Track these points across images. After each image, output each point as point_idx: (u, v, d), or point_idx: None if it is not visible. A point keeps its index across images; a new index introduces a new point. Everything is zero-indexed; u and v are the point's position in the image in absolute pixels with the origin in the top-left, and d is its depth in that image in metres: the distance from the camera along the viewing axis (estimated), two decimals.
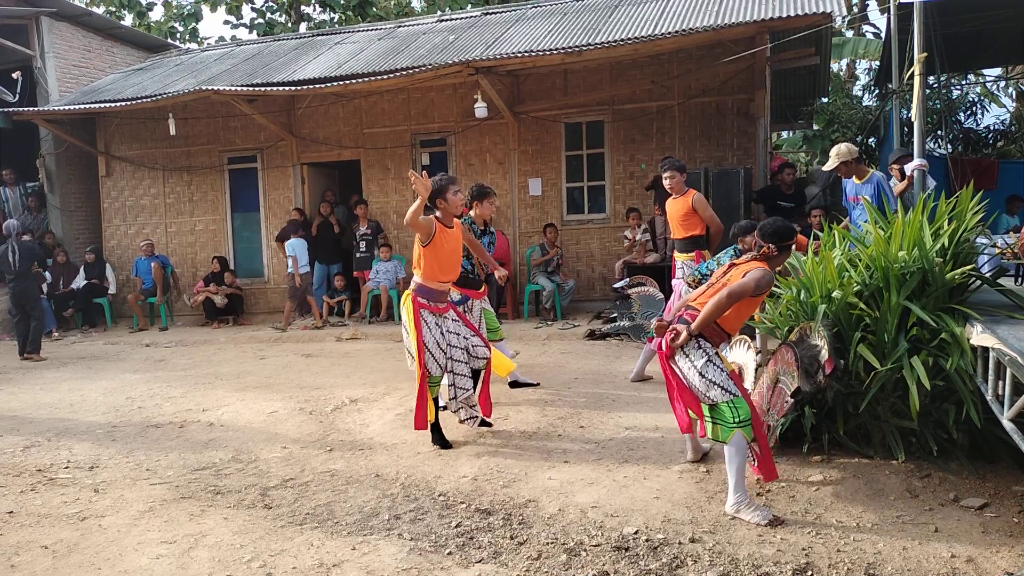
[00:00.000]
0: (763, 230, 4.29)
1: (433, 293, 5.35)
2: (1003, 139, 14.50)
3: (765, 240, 4.25)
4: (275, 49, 14.26)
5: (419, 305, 5.28)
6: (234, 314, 12.35)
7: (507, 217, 11.60)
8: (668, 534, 3.86)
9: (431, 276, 5.30)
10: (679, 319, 4.23)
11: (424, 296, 5.31)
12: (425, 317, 5.28)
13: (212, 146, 13.03)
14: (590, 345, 8.94)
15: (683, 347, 4.14)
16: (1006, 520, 3.86)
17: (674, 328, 4.13)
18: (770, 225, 4.28)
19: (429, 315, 5.31)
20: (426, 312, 5.30)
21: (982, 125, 14.84)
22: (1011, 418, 3.27)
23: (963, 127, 14.24)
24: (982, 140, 14.24)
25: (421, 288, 5.32)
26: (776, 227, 4.24)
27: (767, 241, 4.25)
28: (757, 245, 4.33)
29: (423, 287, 5.32)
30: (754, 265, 4.22)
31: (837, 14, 9.49)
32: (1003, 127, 15.01)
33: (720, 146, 10.73)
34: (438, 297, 5.39)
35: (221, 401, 7.08)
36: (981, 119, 14.94)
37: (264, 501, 4.56)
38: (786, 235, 4.23)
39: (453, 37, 12.32)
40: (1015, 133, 14.96)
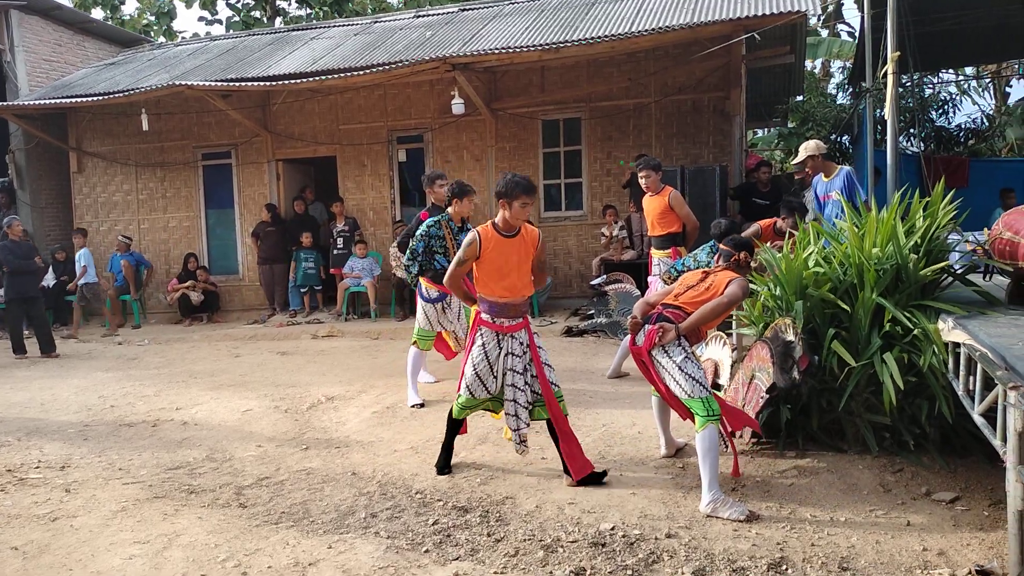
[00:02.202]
0: (736, 241, 4.57)
1: (495, 307, 4.60)
2: (974, 137, 14.68)
3: (738, 250, 4.51)
4: (250, 44, 14.14)
5: (479, 322, 4.65)
6: (208, 311, 12.23)
7: (484, 214, 11.56)
8: (644, 530, 3.87)
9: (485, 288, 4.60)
10: (659, 316, 4.28)
11: (488, 313, 4.60)
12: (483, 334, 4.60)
13: (186, 142, 12.89)
14: (567, 342, 8.95)
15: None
16: (976, 513, 3.92)
17: (662, 326, 4.20)
18: (741, 237, 4.73)
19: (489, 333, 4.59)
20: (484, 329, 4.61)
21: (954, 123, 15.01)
22: (981, 413, 3.32)
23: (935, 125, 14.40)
24: (954, 138, 14.41)
25: (485, 303, 4.63)
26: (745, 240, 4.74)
27: (739, 251, 4.51)
28: (727, 254, 4.55)
29: (485, 301, 4.62)
30: (730, 275, 4.43)
31: (812, 13, 9.58)
32: (974, 125, 15.19)
33: (696, 144, 10.79)
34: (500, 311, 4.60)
35: (195, 399, 7.01)
36: (953, 117, 15.12)
37: (239, 500, 4.52)
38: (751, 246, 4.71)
39: (430, 33, 12.28)
40: (986, 131, 15.15)
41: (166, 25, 22.82)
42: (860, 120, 10.85)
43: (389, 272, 10.94)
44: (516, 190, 4.43)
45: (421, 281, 6.48)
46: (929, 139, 13.80)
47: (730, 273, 4.48)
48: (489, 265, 4.51)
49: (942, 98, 15.02)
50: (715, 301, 4.26)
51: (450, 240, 6.42)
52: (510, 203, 4.45)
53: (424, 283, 6.46)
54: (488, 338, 4.58)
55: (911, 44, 8.19)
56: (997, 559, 3.39)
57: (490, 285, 4.54)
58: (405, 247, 6.69)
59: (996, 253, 4.36)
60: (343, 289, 11.40)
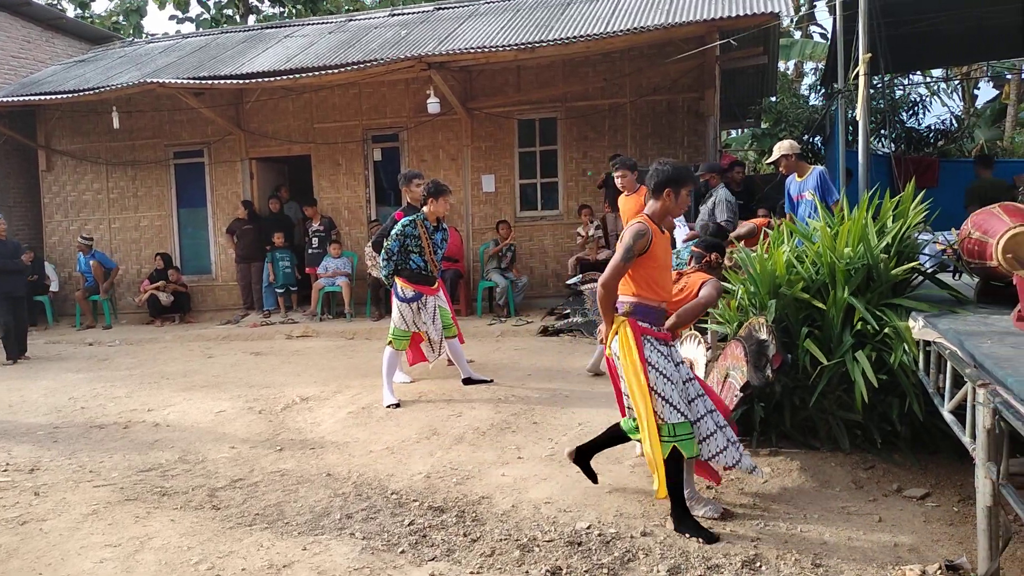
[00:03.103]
0: (707, 243, 4.61)
1: (654, 313, 4.00)
2: (944, 138, 14.90)
3: (708, 251, 4.56)
4: (223, 42, 14.00)
5: (641, 331, 3.89)
6: (180, 312, 12.10)
7: (460, 214, 11.57)
8: (620, 528, 3.88)
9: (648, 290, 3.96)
10: None
11: (647, 320, 3.95)
12: (655, 346, 3.90)
13: (157, 140, 12.74)
14: (544, 341, 8.96)
15: None
16: (946, 509, 3.97)
17: None
18: (713, 238, 4.81)
19: (658, 343, 3.93)
20: (652, 339, 3.91)
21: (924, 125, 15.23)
22: (951, 410, 3.36)
23: (905, 126, 14.59)
24: (924, 139, 14.61)
25: (644, 309, 3.95)
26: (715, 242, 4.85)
27: (710, 252, 4.55)
28: (698, 256, 4.60)
29: (645, 307, 3.95)
30: (703, 276, 4.49)
31: (785, 14, 9.66)
32: (944, 127, 15.42)
33: (671, 144, 10.84)
34: (659, 318, 4.06)
35: (167, 401, 6.93)
36: (923, 119, 15.34)
37: (212, 502, 4.48)
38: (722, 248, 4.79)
39: (405, 32, 12.23)
40: (955, 133, 15.38)
41: (135, 23, 22.51)
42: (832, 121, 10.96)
43: (364, 272, 10.89)
44: (687, 178, 3.98)
45: (396, 281, 6.45)
46: (899, 140, 13.98)
47: (703, 275, 4.53)
48: (654, 261, 3.92)
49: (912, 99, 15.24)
50: (692, 303, 4.31)
51: (425, 240, 6.41)
52: (677, 192, 3.93)
53: (400, 283, 6.44)
54: (663, 349, 3.91)
55: (882, 46, 8.29)
56: (967, 554, 3.44)
57: (653, 286, 3.94)
58: (380, 247, 6.67)
59: (965, 253, 4.42)
60: (318, 289, 11.33)
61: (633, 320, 3.88)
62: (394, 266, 6.40)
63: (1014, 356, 3.13)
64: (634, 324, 3.87)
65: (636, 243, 3.82)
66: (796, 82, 22.27)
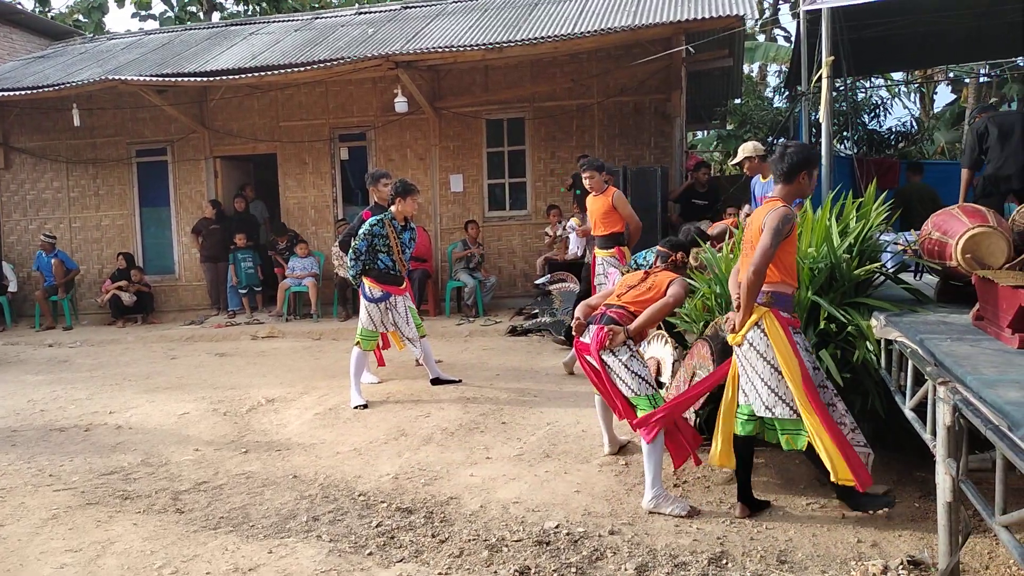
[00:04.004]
0: (672, 243, 4.69)
1: (789, 301, 3.90)
2: (904, 140, 15.18)
3: (674, 251, 4.64)
4: (186, 39, 13.80)
5: (787, 321, 3.79)
6: (143, 312, 11.90)
7: (428, 213, 11.53)
8: (588, 527, 3.90)
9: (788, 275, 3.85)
10: (603, 316, 4.33)
11: (786, 310, 3.84)
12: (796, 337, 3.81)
13: (119, 138, 12.51)
14: (512, 341, 8.97)
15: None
16: (908, 505, 4.04)
17: (611, 330, 4.23)
18: (677, 239, 4.84)
19: (796, 333, 3.84)
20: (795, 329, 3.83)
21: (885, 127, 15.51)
22: (912, 408, 3.42)
23: (867, 128, 14.85)
24: (885, 141, 14.87)
25: (782, 298, 3.83)
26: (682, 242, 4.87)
27: (675, 251, 4.70)
28: (664, 255, 4.66)
29: (783, 296, 3.83)
30: (670, 275, 4.56)
31: (749, 17, 9.77)
32: (905, 129, 15.72)
33: (638, 145, 10.91)
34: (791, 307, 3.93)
35: (129, 403, 6.81)
36: (884, 121, 15.63)
37: (176, 505, 4.41)
38: (687, 247, 4.84)
39: (372, 30, 12.17)
40: (916, 135, 15.69)
41: (97, 20, 22.07)
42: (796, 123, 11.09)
43: (331, 272, 10.81)
44: (817, 159, 3.83)
45: (364, 281, 6.41)
46: (861, 142, 14.22)
47: (670, 273, 4.58)
48: (793, 247, 3.85)
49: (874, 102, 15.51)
50: (661, 302, 4.34)
51: (393, 239, 6.38)
52: (811, 174, 3.84)
53: (367, 283, 6.40)
54: (800, 340, 3.84)
55: (844, 49, 8.42)
56: (928, 549, 3.51)
57: (792, 272, 3.83)
58: (347, 246, 6.62)
59: (925, 253, 4.50)
60: (283, 289, 11.21)
61: (776, 311, 3.77)
62: (362, 266, 6.36)
63: (973, 354, 3.20)
64: (778, 315, 3.77)
65: (785, 227, 3.67)
66: (761, 84, 22.53)
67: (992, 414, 2.50)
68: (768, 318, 3.74)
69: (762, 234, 3.66)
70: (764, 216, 3.73)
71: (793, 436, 3.81)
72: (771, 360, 3.75)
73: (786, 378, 3.71)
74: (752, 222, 3.91)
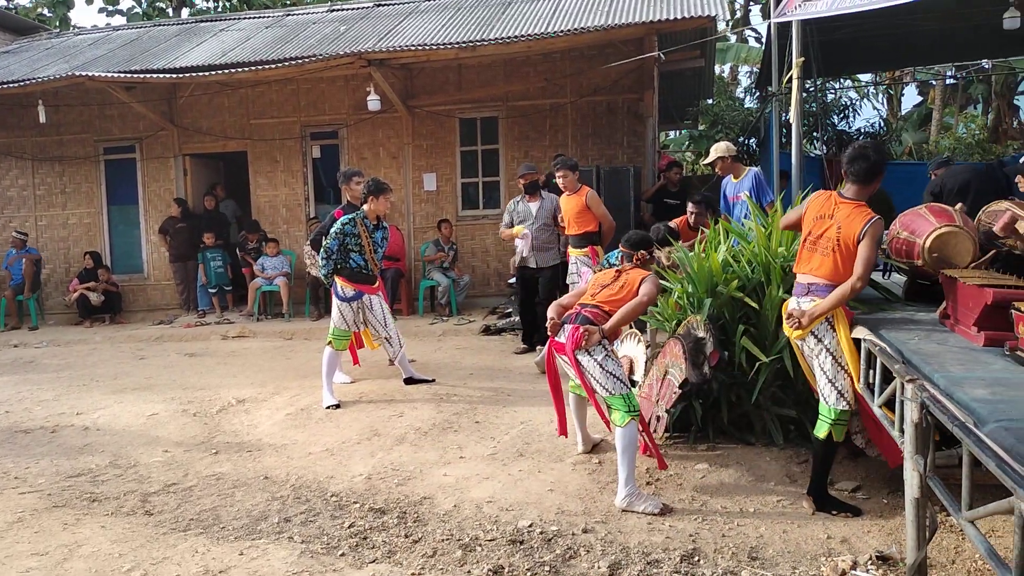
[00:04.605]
0: (631, 241, 4.72)
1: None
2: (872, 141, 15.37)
3: (635, 250, 4.69)
4: (155, 35, 13.62)
5: (851, 315, 3.94)
6: (111, 312, 11.73)
7: (401, 212, 11.48)
8: (562, 526, 3.90)
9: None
10: (578, 316, 4.33)
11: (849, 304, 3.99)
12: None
13: (86, 135, 12.32)
14: (485, 340, 8.96)
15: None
16: (876, 501, 4.09)
17: (587, 330, 4.24)
18: (636, 236, 4.78)
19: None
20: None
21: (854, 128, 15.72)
22: (880, 405, 3.46)
23: (836, 129, 15.03)
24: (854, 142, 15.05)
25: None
26: (641, 237, 4.79)
27: (636, 250, 4.69)
28: (628, 255, 4.68)
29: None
30: (641, 272, 4.57)
31: (721, 18, 9.84)
32: (873, 130, 15.93)
33: (611, 144, 10.94)
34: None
35: (97, 404, 6.71)
36: (853, 122, 15.84)
37: (145, 507, 4.36)
38: (650, 242, 4.81)
39: (344, 28, 12.09)
40: (884, 136, 15.91)
41: (62, 15, 21.71)
42: (767, 123, 11.21)
43: (303, 271, 10.72)
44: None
45: (336, 280, 6.37)
46: (831, 142, 14.39)
47: (640, 271, 4.60)
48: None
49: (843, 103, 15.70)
50: (634, 301, 4.36)
51: (365, 238, 6.34)
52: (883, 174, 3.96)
53: (340, 282, 6.36)
54: None
55: (814, 51, 8.51)
56: (896, 544, 3.55)
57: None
58: (318, 245, 6.58)
59: (893, 252, 4.56)
60: (254, 288, 11.11)
61: (844, 306, 3.87)
62: (333, 265, 6.32)
63: (940, 352, 3.24)
64: (845, 308, 3.88)
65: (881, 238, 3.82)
66: (732, 85, 22.73)
67: (959, 411, 2.53)
68: (839, 316, 3.84)
69: (863, 246, 3.70)
70: (855, 223, 3.74)
71: (841, 428, 3.90)
72: (834, 351, 3.85)
73: (848, 368, 3.81)
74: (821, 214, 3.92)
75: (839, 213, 3.84)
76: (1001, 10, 8.66)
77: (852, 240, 3.74)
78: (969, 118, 21.41)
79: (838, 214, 3.84)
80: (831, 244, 3.84)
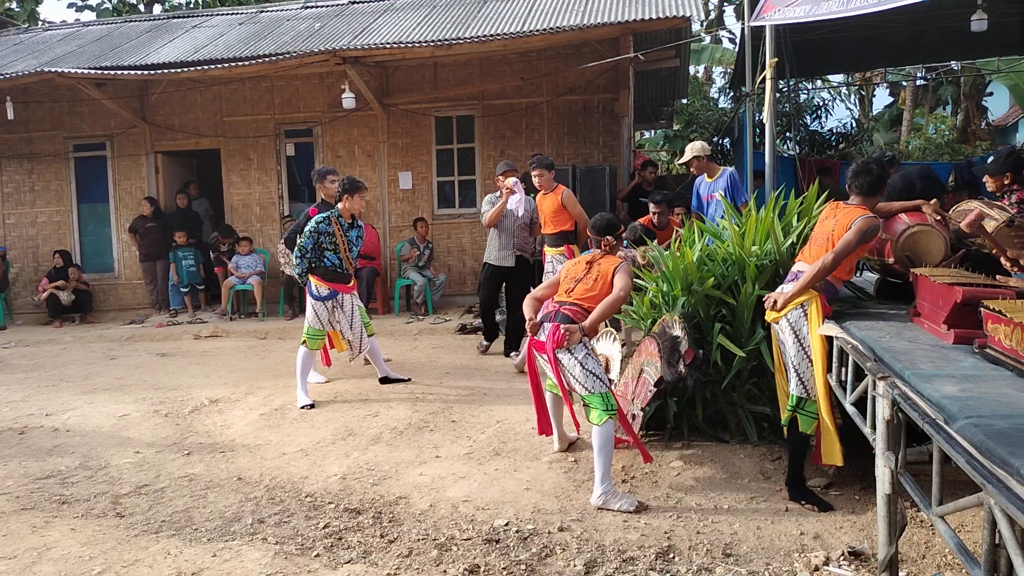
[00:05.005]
0: (597, 227, 4.67)
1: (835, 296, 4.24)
2: (845, 141, 15.56)
3: (602, 235, 4.64)
4: (126, 31, 13.45)
5: (828, 311, 4.02)
6: (81, 312, 11.56)
7: (377, 211, 11.43)
8: (538, 524, 3.90)
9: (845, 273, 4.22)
10: (557, 314, 4.32)
11: (830, 301, 4.12)
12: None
13: (56, 132, 12.13)
14: (462, 339, 8.94)
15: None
16: (848, 498, 4.14)
17: (568, 329, 4.22)
18: (601, 221, 4.70)
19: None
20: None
21: (826, 128, 15.89)
22: (852, 402, 3.49)
23: (809, 129, 15.19)
24: (826, 142, 15.22)
25: (831, 289, 4.17)
26: (607, 221, 4.69)
27: (603, 235, 4.63)
28: (596, 242, 4.65)
29: (832, 288, 4.18)
30: (612, 261, 4.52)
31: (695, 18, 9.90)
32: (845, 130, 16.11)
33: (587, 143, 10.96)
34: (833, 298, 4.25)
35: (67, 404, 6.61)
36: (825, 122, 16.01)
37: (116, 509, 4.30)
38: (616, 225, 4.71)
39: (319, 25, 12.01)
40: (855, 136, 16.10)
41: (30, 10, 21.36)
42: (740, 123, 11.28)
43: (277, 270, 10.64)
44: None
45: (311, 279, 6.33)
46: (804, 142, 14.53)
47: (611, 259, 4.55)
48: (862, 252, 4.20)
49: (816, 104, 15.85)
50: (612, 297, 4.33)
51: (340, 237, 6.30)
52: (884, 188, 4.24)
53: (314, 281, 6.31)
54: None
55: (787, 52, 8.57)
56: (867, 540, 3.60)
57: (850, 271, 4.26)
58: (292, 243, 6.53)
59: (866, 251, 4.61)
60: (228, 288, 11.00)
61: (823, 298, 3.98)
62: (307, 264, 6.27)
63: (911, 350, 3.28)
64: (824, 302, 3.98)
65: (871, 235, 3.93)
66: (706, 85, 22.87)
67: (929, 408, 2.56)
68: (815, 302, 3.94)
69: (849, 231, 3.86)
70: (851, 218, 3.92)
71: (807, 419, 4.04)
72: (804, 341, 3.96)
73: (813, 361, 3.93)
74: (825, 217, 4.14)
75: (840, 213, 4.01)
76: (969, 12, 8.79)
77: (844, 230, 3.90)
78: (939, 119, 21.73)
79: (839, 214, 4.01)
80: (827, 235, 4.00)
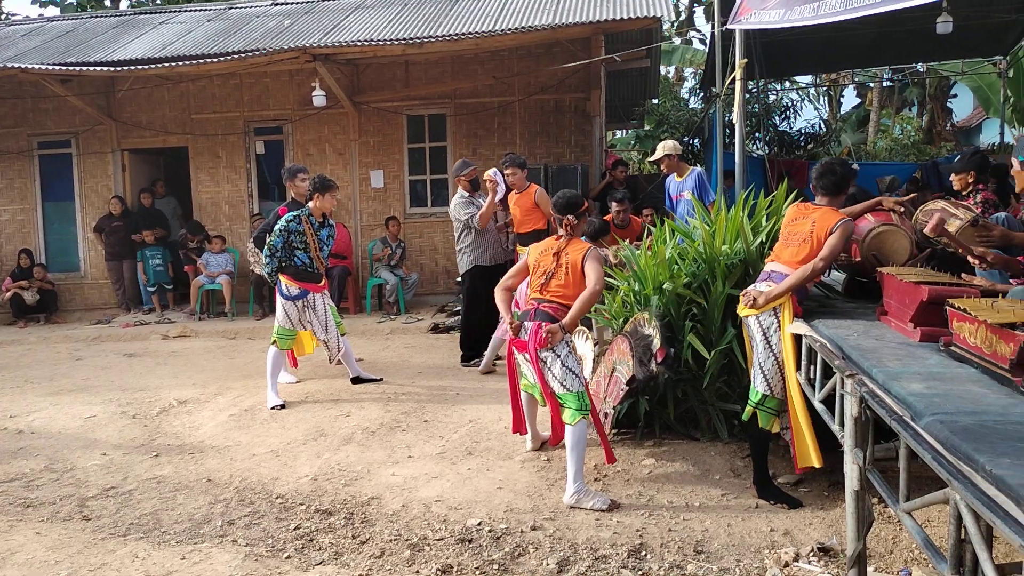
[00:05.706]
0: (558, 206, 4.48)
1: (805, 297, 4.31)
2: (813, 142, 15.74)
3: (564, 213, 4.42)
4: (92, 27, 13.24)
5: (798, 312, 4.06)
6: (46, 312, 11.36)
7: (348, 209, 11.36)
8: (511, 523, 3.91)
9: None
10: (536, 312, 4.29)
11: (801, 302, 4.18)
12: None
13: (19, 129, 11.91)
14: (434, 339, 8.92)
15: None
16: (817, 495, 4.19)
17: (549, 329, 4.18)
18: (562, 199, 4.48)
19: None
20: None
21: (795, 128, 16.06)
22: (821, 400, 3.53)
23: (778, 130, 15.34)
24: (795, 142, 15.39)
25: (803, 291, 4.24)
26: (568, 199, 4.47)
27: (565, 213, 4.42)
28: (558, 220, 4.46)
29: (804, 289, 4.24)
30: (579, 247, 4.37)
31: (666, 19, 9.96)
32: (813, 131, 16.30)
33: (559, 143, 10.99)
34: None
35: (32, 406, 6.50)
36: (794, 123, 16.18)
37: (82, 512, 4.23)
38: (578, 202, 4.48)
39: (288, 22, 11.91)
40: (824, 136, 16.30)
41: None
42: (710, 124, 11.37)
43: (246, 269, 10.54)
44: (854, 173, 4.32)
45: (281, 278, 6.27)
46: (773, 142, 14.67)
47: (577, 244, 4.41)
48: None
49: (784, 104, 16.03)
50: (588, 291, 4.24)
51: (311, 236, 6.26)
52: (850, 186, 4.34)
53: (284, 280, 6.26)
54: None
55: (757, 53, 8.65)
56: (836, 536, 3.64)
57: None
58: (262, 242, 6.47)
59: None
60: (197, 287, 10.87)
61: (795, 299, 4.04)
62: (277, 263, 6.21)
63: (878, 348, 3.32)
64: (795, 303, 4.03)
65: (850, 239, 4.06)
66: (677, 86, 23.01)
67: (896, 405, 2.60)
68: (787, 304, 3.98)
69: (833, 236, 3.90)
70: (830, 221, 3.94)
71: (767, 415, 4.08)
72: (772, 342, 4.00)
73: (783, 362, 3.97)
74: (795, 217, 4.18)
75: (815, 214, 4.06)
76: (934, 15, 8.94)
77: (825, 232, 3.94)
78: (905, 120, 22.07)
79: (814, 215, 4.06)
80: (804, 235, 4.03)
